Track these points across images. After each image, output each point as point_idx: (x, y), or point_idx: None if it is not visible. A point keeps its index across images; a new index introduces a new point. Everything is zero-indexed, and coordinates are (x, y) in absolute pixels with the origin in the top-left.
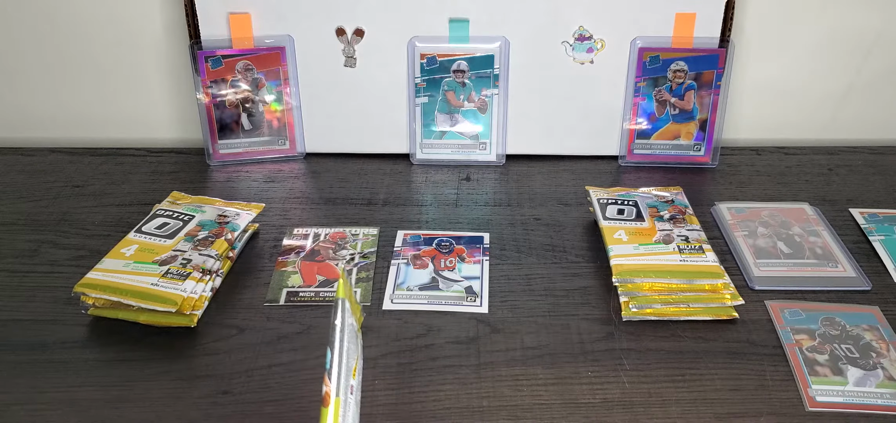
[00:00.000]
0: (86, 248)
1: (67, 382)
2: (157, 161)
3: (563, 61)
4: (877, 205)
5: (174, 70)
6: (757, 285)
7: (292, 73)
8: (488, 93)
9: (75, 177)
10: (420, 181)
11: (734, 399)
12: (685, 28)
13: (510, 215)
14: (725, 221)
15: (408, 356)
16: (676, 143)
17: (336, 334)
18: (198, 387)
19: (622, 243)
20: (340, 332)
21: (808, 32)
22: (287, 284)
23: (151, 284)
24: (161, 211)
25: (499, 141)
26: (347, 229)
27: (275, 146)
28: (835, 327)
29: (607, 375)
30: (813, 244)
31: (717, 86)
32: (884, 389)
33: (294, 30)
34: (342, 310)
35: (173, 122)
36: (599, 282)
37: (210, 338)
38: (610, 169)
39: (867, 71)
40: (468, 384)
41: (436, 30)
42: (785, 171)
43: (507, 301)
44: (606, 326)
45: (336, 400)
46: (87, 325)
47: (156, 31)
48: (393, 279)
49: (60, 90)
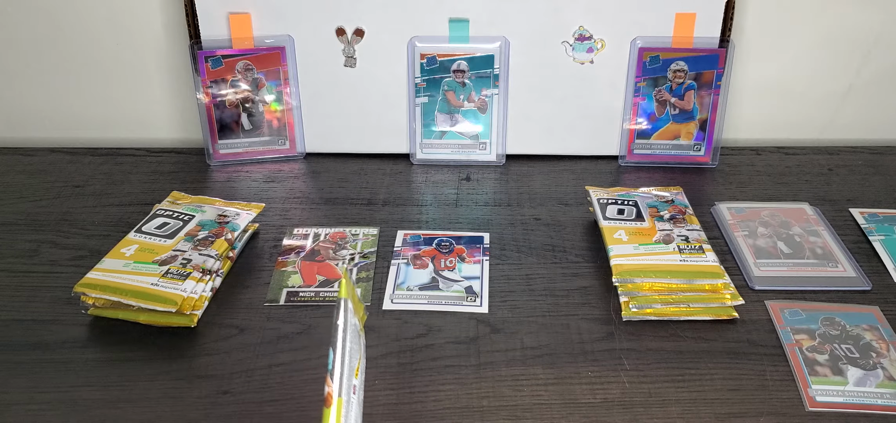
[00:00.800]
0: (86, 248)
1: (67, 382)
2: (157, 161)
3: (563, 61)
4: (877, 205)
5: (174, 70)
6: (757, 285)
7: (292, 73)
8: (488, 93)
9: (75, 177)
10: (420, 181)
11: (734, 399)
12: (685, 28)
13: (510, 215)
14: (725, 221)
15: (408, 356)
16: (676, 143)
17: (338, 335)
18: (198, 387)
19: (622, 243)
20: (343, 332)
21: (808, 32)
22: (287, 284)
23: (151, 284)
24: (161, 211)
25: (499, 141)
26: (347, 229)
27: (275, 146)
28: (835, 327)
29: (607, 375)
30: (813, 244)
31: (717, 86)
32: (884, 389)
33: (294, 30)
34: (344, 310)
35: (173, 122)
36: (599, 282)
37: (210, 338)
38: (610, 169)
39: (867, 71)
40: (468, 384)
41: (436, 30)
42: (785, 171)
43: (507, 301)
44: (606, 326)
45: (338, 401)
46: (87, 325)
47: (156, 31)
48: (393, 279)
49: (60, 90)
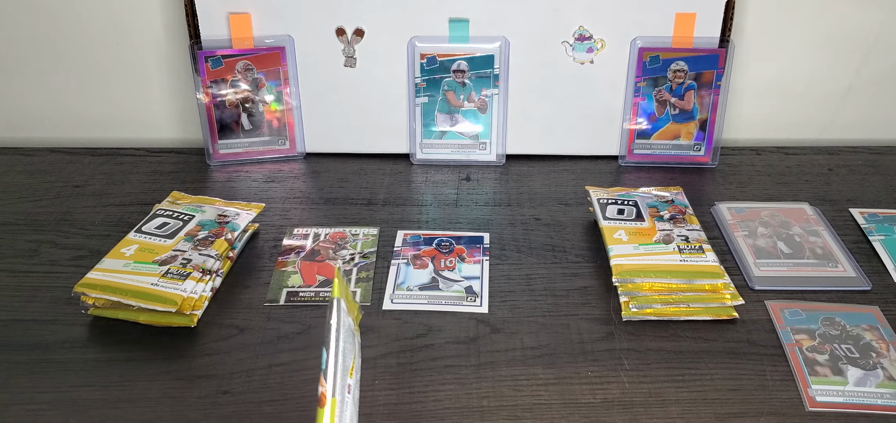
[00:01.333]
0: (86, 248)
1: (67, 382)
2: (157, 161)
3: (563, 61)
4: (877, 205)
5: (174, 70)
6: (757, 285)
7: (292, 73)
8: (488, 93)
9: (75, 177)
10: (420, 181)
11: (734, 399)
12: (685, 28)
13: (510, 215)
14: (725, 221)
15: (408, 356)
16: (676, 143)
17: (332, 334)
18: (198, 387)
19: (622, 243)
20: (336, 332)
21: (808, 32)
22: (287, 284)
23: (151, 284)
24: (161, 211)
25: (499, 141)
26: (347, 229)
27: (275, 146)
28: (835, 327)
29: (607, 375)
30: (813, 244)
31: (717, 86)
32: (884, 389)
33: (294, 30)
34: (338, 310)
35: (173, 122)
36: (599, 282)
37: (210, 338)
38: (610, 169)
39: (867, 71)
40: (468, 384)
41: (436, 30)
42: (785, 171)
43: (507, 301)
44: (606, 326)
45: (332, 401)
46: (87, 325)
47: (156, 31)
48: (393, 279)
49: (60, 90)
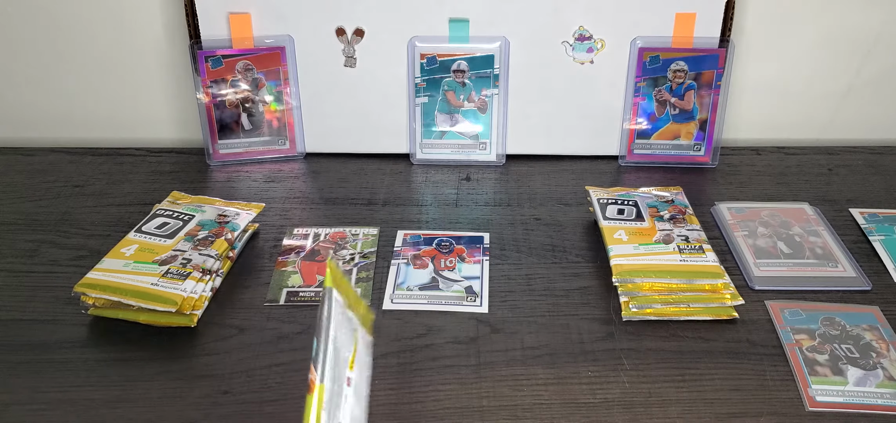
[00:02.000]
0: (86, 248)
1: (67, 382)
2: (157, 161)
3: (563, 61)
4: (877, 205)
5: (174, 70)
6: (757, 285)
7: (292, 73)
8: (488, 93)
9: (75, 177)
10: (420, 181)
11: (734, 399)
12: (685, 28)
13: (510, 215)
14: (725, 221)
15: (408, 356)
16: (676, 143)
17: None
18: (198, 387)
19: (622, 243)
20: (327, 321)
21: (808, 32)
22: (287, 284)
23: (151, 284)
24: (161, 211)
25: (499, 141)
26: (347, 229)
27: (275, 146)
28: (835, 327)
29: (607, 375)
30: (813, 244)
31: (717, 86)
32: (884, 389)
33: (294, 30)
34: (329, 299)
35: (173, 122)
36: (599, 282)
37: (210, 338)
38: (610, 169)
39: (867, 71)
40: (468, 384)
41: (436, 30)
42: (785, 171)
43: (507, 301)
44: (606, 326)
45: (320, 387)
46: (87, 325)
47: (156, 31)
48: (393, 279)
49: (60, 90)
